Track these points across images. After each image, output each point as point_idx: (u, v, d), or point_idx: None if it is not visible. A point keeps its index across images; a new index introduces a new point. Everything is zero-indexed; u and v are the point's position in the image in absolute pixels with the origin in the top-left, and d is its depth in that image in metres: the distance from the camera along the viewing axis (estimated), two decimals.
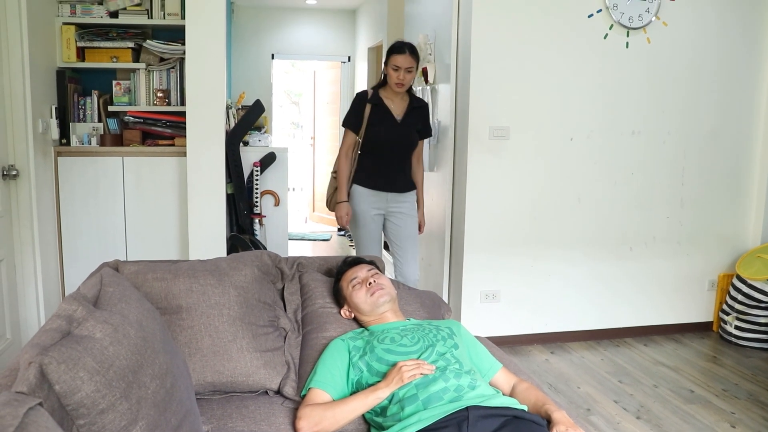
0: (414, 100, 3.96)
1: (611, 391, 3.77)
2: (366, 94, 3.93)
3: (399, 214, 3.99)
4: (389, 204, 3.97)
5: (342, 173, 3.93)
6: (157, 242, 4.36)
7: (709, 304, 4.84)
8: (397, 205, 3.98)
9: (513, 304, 4.44)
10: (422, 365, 1.96)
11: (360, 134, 3.88)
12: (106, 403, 1.35)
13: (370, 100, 3.87)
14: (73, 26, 4.14)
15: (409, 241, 4.01)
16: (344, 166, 3.93)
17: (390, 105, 3.88)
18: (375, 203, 3.94)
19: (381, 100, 3.87)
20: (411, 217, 4.02)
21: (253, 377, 2.13)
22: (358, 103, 3.91)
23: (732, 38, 4.55)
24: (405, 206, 4.00)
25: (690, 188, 4.64)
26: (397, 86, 3.78)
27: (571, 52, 4.30)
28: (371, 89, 3.94)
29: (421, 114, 4.00)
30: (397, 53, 3.75)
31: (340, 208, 3.94)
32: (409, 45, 3.79)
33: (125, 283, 1.84)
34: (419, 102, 4.00)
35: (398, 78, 3.75)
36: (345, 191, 3.94)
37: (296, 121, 16.02)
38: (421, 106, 3.99)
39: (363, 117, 3.85)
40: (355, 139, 3.90)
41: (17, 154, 3.61)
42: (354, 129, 3.90)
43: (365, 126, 3.85)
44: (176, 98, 4.39)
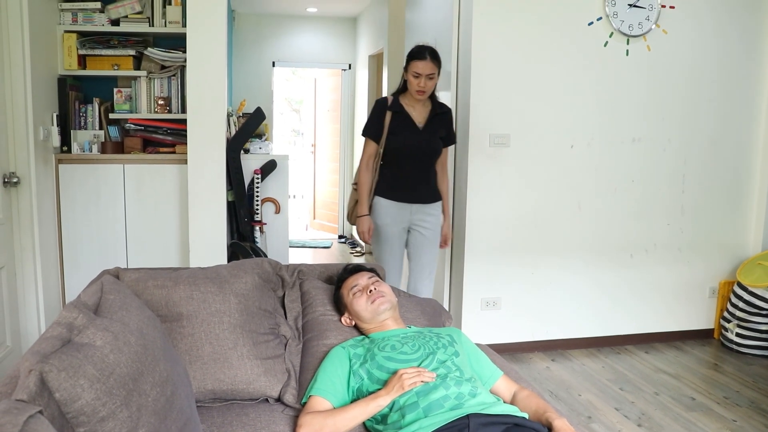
0: (437, 106, 3.74)
1: (612, 398, 3.76)
2: (386, 101, 3.70)
3: (422, 228, 3.77)
4: (413, 216, 3.75)
5: (363, 185, 3.73)
6: (158, 250, 4.36)
7: (710, 312, 4.84)
8: (422, 218, 3.76)
9: (514, 312, 4.43)
10: (423, 373, 1.95)
11: (381, 143, 3.67)
12: (106, 410, 1.35)
13: (390, 107, 3.65)
14: (74, 34, 4.15)
15: (427, 257, 3.81)
16: (365, 177, 3.72)
17: (411, 112, 3.67)
18: (398, 216, 3.72)
19: (402, 107, 3.66)
20: (434, 231, 3.80)
21: (253, 385, 2.12)
22: (377, 111, 3.70)
23: (731, 46, 4.56)
24: (430, 219, 3.78)
25: (690, 195, 4.64)
26: (418, 94, 3.57)
27: (572, 60, 4.31)
28: (391, 95, 3.73)
29: (444, 120, 3.78)
30: (418, 59, 3.53)
31: (361, 223, 3.73)
32: (430, 49, 3.57)
33: (126, 290, 1.84)
34: (442, 107, 3.77)
35: (419, 85, 3.54)
36: (366, 204, 3.73)
37: (297, 128, 16.03)
38: (444, 112, 3.77)
39: (383, 125, 3.65)
40: (376, 149, 3.69)
41: (18, 161, 3.61)
42: (374, 138, 3.69)
43: (386, 135, 3.65)
44: (177, 106, 4.39)
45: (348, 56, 8.81)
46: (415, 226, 3.77)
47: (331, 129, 9.18)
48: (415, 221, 3.76)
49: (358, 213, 3.75)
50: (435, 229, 3.80)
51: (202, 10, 3.90)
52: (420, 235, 3.77)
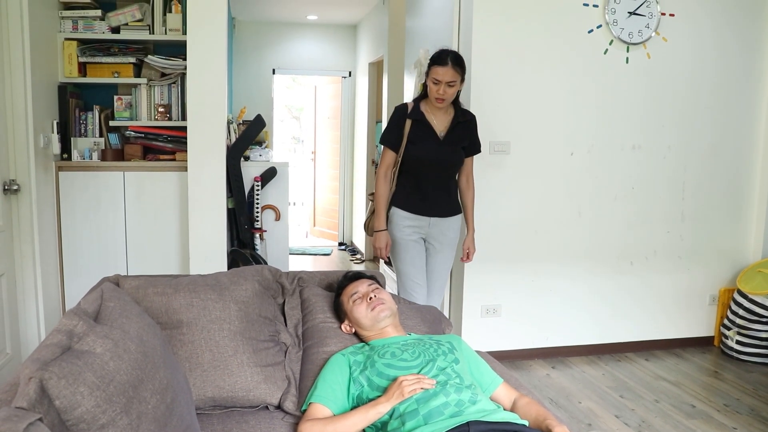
0: (460, 113, 3.51)
1: (612, 405, 3.76)
2: (405, 107, 3.50)
3: (438, 243, 3.58)
4: (431, 229, 3.55)
5: (380, 197, 3.51)
6: (158, 257, 4.36)
7: (710, 319, 4.83)
8: (439, 231, 3.56)
9: (514, 319, 4.43)
10: (423, 380, 1.95)
11: (400, 152, 3.47)
12: (106, 418, 1.35)
13: (410, 114, 3.45)
14: (74, 41, 4.16)
15: (440, 273, 3.63)
16: (382, 188, 3.51)
17: (432, 120, 3.45)
18: (415, 228, 3.53)
19: (422, 115, 3.44)
20: (450, 247, 3.62)
21: (253, 392, 2.12)
22: (396, 118, 3.49)
23: (731, 54, 4.58)
24: (448, 234, 3.59)
25: (690, 203, 4.64)
26: (438, 101, 3.36)
27: (572, 67, 4.32)
28: (412, 101, 3.52)
29: (468, 128, 3.55)
30: (438, 64, 3.31)
31: (378, 239, 3.52)
32: (453, 55, 3.33)
33: (126, 297, 1.84)
34: (466, 115, 3.55)
35: (438, 92, 3.32)
36: (383, 218, 3.52)
37: (297, 135, 16.04)
38: (468, 120, 3.55)
39: (403, 133, 3.44)
40: (395, 158, 3.49)
41: (18, 168, 3.61)
42: (393, 147, 3.48)
43: (405, 143, 3.44)
44: (177, 113, 4.40)
45: (348, 63, 8.83)
46: (431, 240, 3.59)
47: (331, 136, 9.19)
48: (432, 234, 3.57)
49: (375, 227, 3.54)
50: (450, 243, 3.62)
51: (202, 17, 3.91)
52: (433, 248, 3.60)
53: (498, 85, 4.21)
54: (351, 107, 8.89)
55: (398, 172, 3.52)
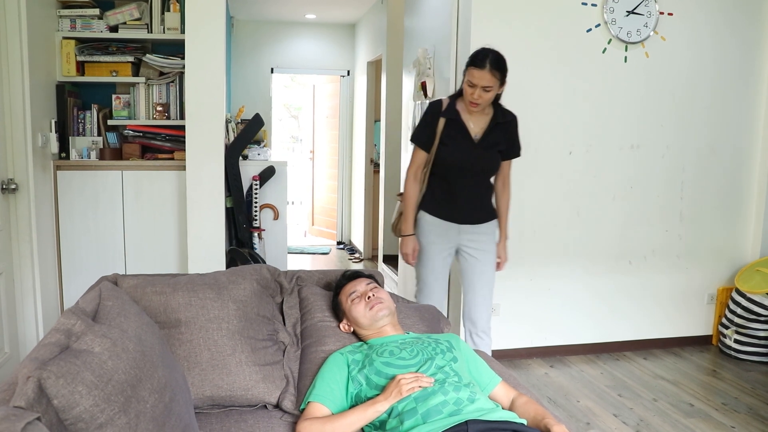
0: (500, 114, 3.23)
1: (611, 404, 3.76)
2: (440, 104, 3.23)
3: (472, 250, 3.34)
4: (461, 237, 3.32)
5: (409, 198, 3.30)
6: (156, 256, 4.35)
7: (708, 318, 4.84)
8: (471, 238, 3.33)
9: (512, 318, 4.43)
10: (421, 378, 1.95)
11: (432, 152, 3.23)
12: (104, 417, 1.35)
13: (444, 113, 3.18)
14: (73, 40, 4.16)
15: (481, 282, 3.38)
16: (412, 190, 3.29)
17: (468, 120, 3.19)
18: (444, 235, 3.31)
19: (457, 114, 3.17)
20: (487, 253, 3.36)
21: (251, 391, 2.12)
22: (429, 116, 3.23)
23: (730, 53, 4.58)
24: (482, 240, 3.34)
25: (689, 202, 4.64)
26: (472, 105, 3.10)
27: (570, 67, 4.32)
28: (448, 98, 3.25)
29: (506, 130, 3.27)
30: (475, 66, 3.02)
31: (405, 244, 3.32)
32: (493, 57, 3.02)
33: (124, 296, 1.84)
34: (506, 116, 3.26)
35: (472, 96, 3.05)
36: (411, 222, 3.32)
37: (296, 134, 16.06)
38: (507, 121, 3.26)
39: (435, 133, 3.19)
40: (426, 159, 3.26)
41: (16, 167, 3.61)
42: (425, 147, 3.24)
43: (437, 143, 3.21)
44: (176, 112, 4.40)
45: (347, 63, 8.83)
46: (465, 248, 3.35)
47: (329, 135, 9.19)
48: (464, 242, 3.34)
49: (402, 231, 3.34)
50: (489, 249, 3.37)
51: (200, 16, 3.90)
52: (472, 258, 3.35)
53: None
54: (349, 106, 8.88)
55: (429, 174, 3.29)
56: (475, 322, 3.42)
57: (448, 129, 3.18)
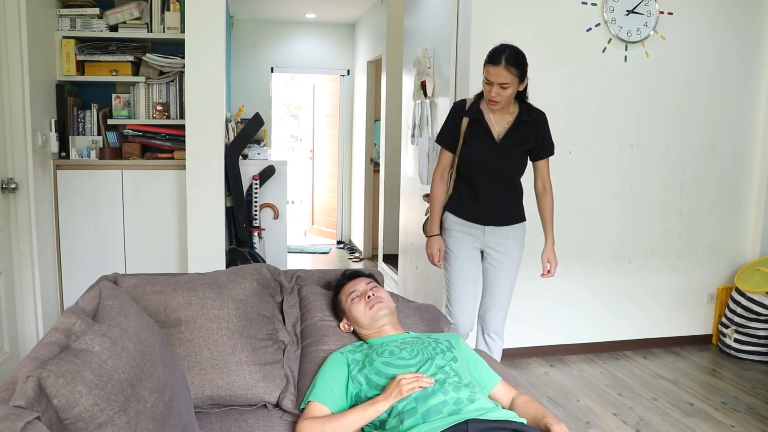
0: (525, 112, 3.17)
1: (610, 404, 3.76)
2: (463, 104, 3.22)
3: (495, 253, 3.27)
4: (486, 238, 3.26)
5: (436, 200, 3.29)
6: (156, 255, 4.35)
7: (708, 317, 4.84)
8: (496, 241, 3.26)
9: (512, 317, 4.41)
10: (421, 378, 1.95)
11: (457, 152, 3.20)
12: (104, 416, 1.35)
13: (467, 112, 3.15)
14: (72, 40, 4.16)
15: (500, 287, 3.31)
16: (439, 190, 3.28)
17: (490, 119, 3.14)
18: (469, 236, 3.26)
19: (480, 113, 3.13)
20: (510, 257, 3.29)
21: (251, 390, 2.12)
22: (453, 117, 3.22)
23: (729, 52, 4.58)
24: (507, 243, 3.28)
25: (688, 201, 4.64)
26: (492, 104, 3.05)
27: (570, 66, 4.31)
28: (473, 97, 3.23)
29: (533, 129, 3.19)
30: (491, 63, 2.98)
31: (431, 244, 3.30)
32: (509, 53, 2.99)
33: (124, 296, 1.84)
34: (531, 114, 3.19)
35: (490, 94, 3.00)
36: (437, 223, 3.30)
37: (295, 134, 16.06)
38: (533, 120, 3.18)
39: (459, 132, 3.17)
40: (452, 159, 3.23)
41: (16, 167, 3.61)
42: (449, 147, 3.22)
43: (461, 143, 3.18)
44: (176, 111, 4.39)
45: (346, 62, 8.83)
46: (489, 250, 3.29)
47: (329, 135, 9.19)
48: (488, 244, 3.28)
49: (428, 232, 3.33)
50: (512, 253, 3.30)
51: (200, 16, 3.90)
52: (492, 260, 3.29)
53: None
54: (349, 106, 8.88)
55: (456, 175, 3.26)
56: (489, 323, 3.37)
57: (471, 128, 3.15)
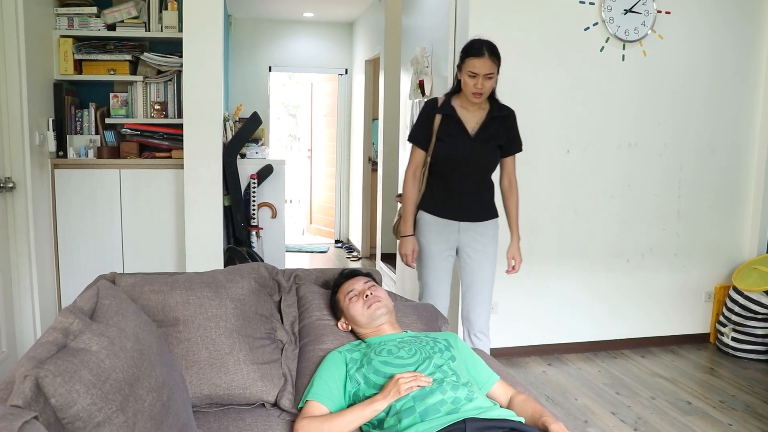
0: (495, 108, 3.23)
1: (609, 402, 3.76)
2: (435, 102, 3.25)
3: (471, 250, 3.31)
4: (461, 236, 3.30)
5: (408, 199, 3.29)
6: (154, 255, 4.35)
7: (705, 316, 4.84)
8: (472, 237, 3.30)
9: (510, 316, 4.43)
10: (419, 377, 1.95)
11: (429, 151, 3.24)
12: (102, 416, 1.35)
13: (440, 109, 3.20)
14: (70, 39, 4.15)
15: (480, 283, 3.36)
16: (411, 190, 3.28)
17: (463, 115, 3.20)
18: (444, 234, 3.29)
19: (453, 110, 3.19)
20: (486, 253, 3.33)
21: (250, 390, 2.12)
22: (425, 114, 3.25)
23: (727, 51, 4.58)
24: (481, 240, 3.31)
25: (686, 200, 4.65)
26: (475, 96, 3.09)
27: (568, 65, 4.32)
28: (443, 96, 3.27)
29: (504, 125, 3.27)
30: (474, 56, 3.05)
31: (404, 244, 3.29)
32: (488, 45, 3.07)
33: (122, 295, 1.83)
34: (502, 110, 3.26)
35: (475, 87, 3.06)
36: (411, 222, 3.30)
37: (293, 133, 16.04)
38: (504, 116, 3.26)
39: (432, 130, 3.20)
40: (424, 157, 3.26)
41: (14, 166, 3.61)
42: (422, 145, 3.24)
43: (434, 141, 3.21)
44: (173, 110, 4.39)
45: (344, 61, 8.83)
46: (464, 248, 3.33)
47: (327, 134, 9.19)
48: (464, 242, 3.31)
49: (402, 232, 3.31)
50: (488, 250, 3.34)
51: (198, 15, 3.90)
52: (468, 257, 3.33)
53: None
54: (347, 105, 8.88)
55: (427, 172, 3.28)
56: (473, 323, 3.39)
57: (444, 125, 3.19)
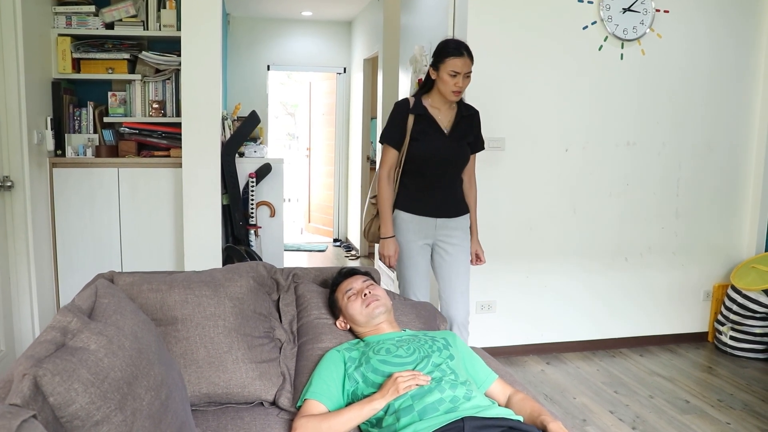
0: (463, 108, 3.34)
1: (607, 401, 3.77)
2: (407, 102, 3.30)
3: (448, 245, 3.36)
4: (437, 232, 3.34)
5: (385, 201, 3.29)
6: (153, 253, 4.35)
7: (704, 315, 4.85)
8: (447, 233, 3.35)
9: (509, 315, 4.44)
10: (418, 376, 1.95)
11: (402, 151, 3.27)
12: (100, 415, 1.35)
13: (413, 109, 3.25)
14: (68, 37, 4.15)
15: (458, 277, 3.39)
16: (387, 191, 3.29)
17: (436, 115, 3.27)
18: (421, 231, 3.31)
19: (425, 110, 3.25)
20: (462, 248, 3.39)
21: (248, 388, 2.12)
22: (398, 114, 3.28)
23: (725, 50, 4.58)
24: (456, 235, 3.37)
25: (685, 199, 4.65)
26: (455, 95, 3.17)
27: (566, 64, 4.32)
28: (412, 96, 3.33)
29: (471, 123, 3.38)
30: (455, 56, 3.12)
31: (386, 246, 3.28)
32: (464, 45, 3.18)
33: (120, 294, 1.83)
34: (469, 109, 3.37)
35: (456, 85, 3.13)
36: (390, 223, 3.30)
37: (292, 132, 16.02)
38: (471, 114, 3.37)
39: (405, 130, 3.24)
40: (398, 158, 3.29)
41: (12, 165, 3.60)
42: (396, 145, 3.26)
43: (407, 141, 3.25)
44: (172, 109, 4.39)
45: (343, 60, 8.82)
46: (440, 243, 3.37)
47: (326, 133, 9.19)
48: (439, 237, 3.36)
49: (383, 234, 3.30)
50: (462, 244, 3.41)
51: (196, 13, 3.89)
52: (445, 253, 3.37)
53: (492, 81, 4.20)
54: (346, 104, 8.88)
55: (401, 172, 3.31)
56: (455, 317, 3.39)
57: (418, 125, 3.24)
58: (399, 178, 3.32)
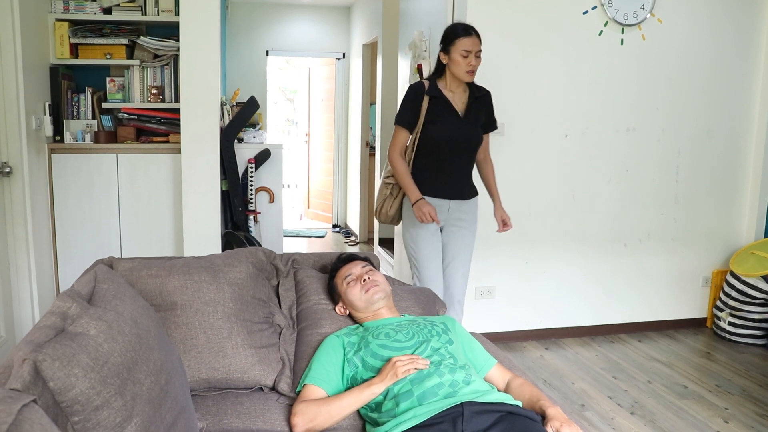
0: (475, 89, 3.40)
1: (605, 386, 3.78)
2: (422, 85, 3.34)
3: (456, 228, 3.43)
4: (450, 215, 3.41)
5: (404, 173, 3.32)
6: (152, 239, 4.35)
7: (702, 301, 4.86)
8: (458, 216, 3.43)
9: (508, 301, 4.44)
10: (416, 360, 1.96)
11: (415, 133, 3.34)
12: (100, 399, 1.35)
13: (428, 92, 3.30)
14: (66, 23, 4.13)
15: (460, 258, 3.46)
16: (402, 165, 3.33)
17: (451, 97, 3.33)
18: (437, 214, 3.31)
19: (440, 92, 3.31)
20: (468, 230, 3.47)
21: (248, 374, 2.13)
22: (413, 96, 3.33)
23: (726, 35, 4.57)
24: (466, 218, 3.45)
25: (684, 185, 4.65)
26: (469, 74, 3.25)
27: (566, 49, 4.30)
28: (426, 80, 3.38)
29: (484, 104, 3.45)
30: (465, 36, 3.21)
31: (421, 206, 3.24)
32: (472, 26, 3.27)
33: (120, 279, 1.83)
34: (481, 90, 3.44)
35: (469, 65, 3.22)
36: (415, 187, 3.30)
37: (291, 117, 15.98)
38: (484, 95, 3.45)
39: (420, 113, 3.30)
40: (408, 138, 3.36)
41: (10, 151, 3.60)
42: (410, 127, 3.33)
43: (422, 123, 3.31)
44: (170, 95, 4.38)
45: (342, 45, 8.79)
46: (451, 225, 3.43)
47: (325, 118, 9.17)
48: (451, 220, 3.43)
49: (413, 199, 3.28)
50: (471, 227, 3.48)
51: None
52: (455, 235, 3.44)
53: (492, 66, 4.18)
54: (345, 89, 8.85)
55: (415, 155, 3.36)
56: (454, 294, 3.47)
57: (433, 107, 3.30)
58: (413, 161, 3.38)
